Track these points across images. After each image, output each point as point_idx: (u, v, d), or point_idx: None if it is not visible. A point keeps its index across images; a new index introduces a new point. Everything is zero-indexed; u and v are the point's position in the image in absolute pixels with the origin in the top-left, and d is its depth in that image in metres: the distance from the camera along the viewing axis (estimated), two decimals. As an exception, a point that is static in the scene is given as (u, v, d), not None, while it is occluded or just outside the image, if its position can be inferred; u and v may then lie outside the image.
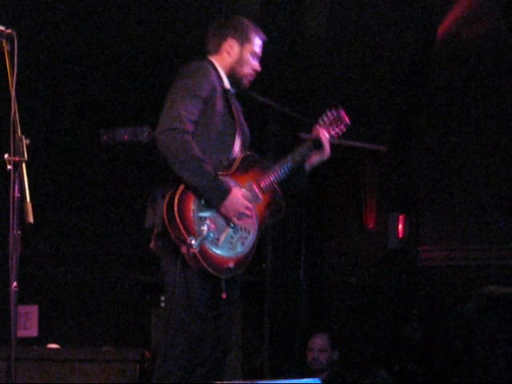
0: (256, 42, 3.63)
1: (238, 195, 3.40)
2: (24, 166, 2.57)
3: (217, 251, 3.34)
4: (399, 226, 6.59)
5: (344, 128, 3.79)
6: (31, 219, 2.50)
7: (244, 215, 3.40)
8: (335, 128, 3.77)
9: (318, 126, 3.72)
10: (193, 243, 3.23)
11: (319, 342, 5.45)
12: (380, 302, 6.51)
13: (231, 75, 3.59)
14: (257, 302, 5.12)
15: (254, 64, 3.63)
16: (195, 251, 3.24)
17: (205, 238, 3.28)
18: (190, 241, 3.23)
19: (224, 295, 3.36)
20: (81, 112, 6.22)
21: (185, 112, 3.33)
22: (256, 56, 3.64)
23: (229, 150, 3.50)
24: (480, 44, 6.21)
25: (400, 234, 6.60)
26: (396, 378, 5.78)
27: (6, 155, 2.57)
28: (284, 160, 3.61)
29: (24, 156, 2.58)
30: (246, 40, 3.60)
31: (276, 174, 3.57)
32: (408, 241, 6.57)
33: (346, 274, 6.66)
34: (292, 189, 3.70)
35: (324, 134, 3.69)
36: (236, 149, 3.53)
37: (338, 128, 3.78)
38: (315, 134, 3.68)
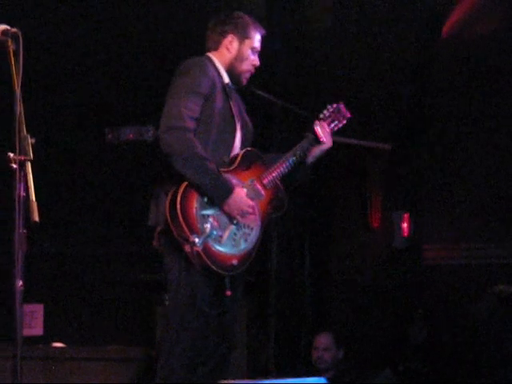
0: (256, 38, 3.63)
1: (242, 193, 3.40)
2: (29, 165, 2.58)
3: (220, 249, 3.34)
4: (404, 225, 6.57)
5: (344, 121, 3.79)
6: (36, 218, 2.50)
7: (247, 213, 3.40)
8: (335, 121, 3.77)
9: (319, 120, 3.73)
10: (196, 241, 3.23)
11: (323, 341, 5.44)
12: (385, 301, 6.49)
13: (230, 71, 3.59)
14: (262, 300, 5.12)
15: (254, 59, 3.62)
16: (199, 249, 3.23)
17: (208, 236, 3.28)
18: (194, 239, 3.23)
19: (228, 292, 3.36)
20: (85, 111, 6.23)
21: (186, 110, 3.33)
22: (255, 51, 3.63)
23: (230, 147, 3.49)
24: (482, 44, 6.20)
25: (405, 233, 6.57)
26: (401, 378, 5.77)
27: (12, 154, 2.57)
28: (286, 155, 3.61)
29: (29, 155, 2.58)
30: (246, 36, 3.60)
31: (278, 170, 3.57)
32: (413, 239, 6.56)
33: (351, 273, 6.65)
34: (294, 182, 3.70)
35: (324, 128, 3.70)
36: (237, 145, 3.53)
37: (339, 121, 3.78)
38: (313, 130, 3.68)
